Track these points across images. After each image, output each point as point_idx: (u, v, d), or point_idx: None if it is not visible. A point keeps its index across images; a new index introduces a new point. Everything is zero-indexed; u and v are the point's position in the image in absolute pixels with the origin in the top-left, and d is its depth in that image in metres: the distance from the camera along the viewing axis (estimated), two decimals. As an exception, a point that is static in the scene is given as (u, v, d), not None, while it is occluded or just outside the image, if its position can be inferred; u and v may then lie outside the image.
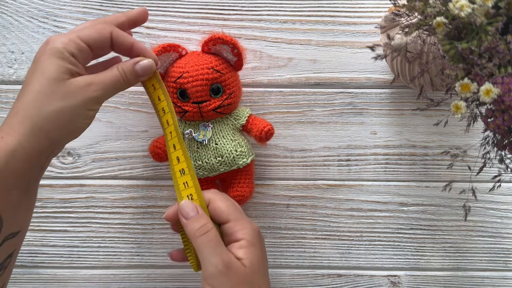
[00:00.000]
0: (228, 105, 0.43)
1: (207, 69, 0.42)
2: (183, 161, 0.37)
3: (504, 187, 0.50)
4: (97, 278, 0.51)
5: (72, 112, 0.32)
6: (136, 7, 0.48)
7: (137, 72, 0.36)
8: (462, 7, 0.29)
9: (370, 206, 0.50)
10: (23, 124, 0.31)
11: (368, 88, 0.49)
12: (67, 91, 0.32)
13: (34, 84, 0.32)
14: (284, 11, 0.48)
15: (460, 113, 0.31)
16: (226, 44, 0.42)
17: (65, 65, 0.33)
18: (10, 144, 0.30)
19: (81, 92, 0.33)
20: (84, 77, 0.34)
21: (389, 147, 0.50)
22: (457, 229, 0.50)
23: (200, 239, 0.35)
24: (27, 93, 0.32)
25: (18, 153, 0.31)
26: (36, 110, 0.31)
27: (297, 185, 0.50)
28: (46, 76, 0.32)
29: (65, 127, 0.33)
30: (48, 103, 0.32)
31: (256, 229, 0.37)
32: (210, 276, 0.34)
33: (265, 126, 0.44)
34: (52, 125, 0.32)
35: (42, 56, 0.33)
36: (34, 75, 0.32)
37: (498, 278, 0.51)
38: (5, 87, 0.49)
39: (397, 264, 0.51)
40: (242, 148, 0.44)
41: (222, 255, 0.34)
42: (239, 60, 0.43)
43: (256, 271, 0.35)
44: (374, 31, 0.48)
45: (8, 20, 0.49)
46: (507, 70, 0.29)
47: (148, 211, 0.50)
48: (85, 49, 0.34)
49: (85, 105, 0.33)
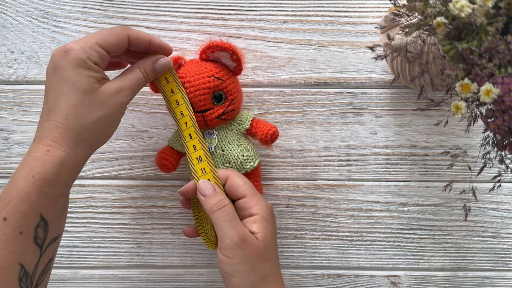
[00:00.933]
0: (231, 111, 0.43)
1: (208, 77, 0.42)
2: (199, 149, 0.41)
3: (504, 187, 0.50)
4: (97, 278, 0.51)
5: (108, 118, 0.35)
6: (136, 7, 0.48)
7: (156, 70, 0.38)
8: (462, 7, 0.29)
9: (370, 206, 0.50)
10: (67, 137, 0.33)
11: (368, 88, 0.49)
12: (102, 101, 0.34)
13: (69, 98, 0.33)
14: (284, 11, 0.48)
15: (460, 113, 0.31)
16: (225, 51, 0.41)
17: (92, 74, 0.34)
18: (58, 157, 0.33)
19: (114, 99, 0.35)
20: (113, 82, 0.35)
21: (389, 147, 0.50)
22: (457, 229, 0.50)
23: (217, 213, 0.37)
24: (63, 106, 0.33)
25: (67, 164, 0.33)
26: (77, 122, 0.33)
27: (297, 185, 0.50)
28: (79, 88, 0.33)
29: (104, 133, 0.36)
30: (88, 114, 0.34)
31: (269, 206, 0.40)
32: (226, 247, 0.36)
33: (269, 129, 0.44)
34: (93, 134, 0.34)
35: (67, 68, 0.33)
36: (64, 87, 0.33)
37: (498, 278, 0.51)
38: (4, 87, 0.49)
39: (397, 264, 0.51)
40: (249, 152, 0.44)
41: (238, 229, 0.37)
42: (239, 66, 0.43)
43: (268, 245, 0.38)
44: (374, 31, 0.48)
45: (8, 20, 0.49)
46: (507, 70, 0.29)
47: (148, 211, 0.50)
48: (105, 56, 0.35)
49: (118, 110, 0.35)
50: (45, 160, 0.32)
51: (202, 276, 0.51)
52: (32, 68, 0.49)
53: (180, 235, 0.50)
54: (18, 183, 0.32)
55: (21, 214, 0.31)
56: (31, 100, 0.49)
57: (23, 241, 0.32)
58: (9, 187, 0.32)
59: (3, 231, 0.31)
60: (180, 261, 0.51)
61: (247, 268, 0.36)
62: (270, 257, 0.38)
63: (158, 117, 0.49)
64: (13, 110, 0.49)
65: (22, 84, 0.49)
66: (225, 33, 0.49)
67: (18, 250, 0.31)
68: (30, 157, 0.33)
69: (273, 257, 0.38)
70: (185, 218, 0.50)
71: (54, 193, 0.33)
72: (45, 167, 0.32)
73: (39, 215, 0.32)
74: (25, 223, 0.32)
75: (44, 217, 0.33)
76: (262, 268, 0.37)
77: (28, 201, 0.31)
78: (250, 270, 0.36)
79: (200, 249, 0.51)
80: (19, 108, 0.49)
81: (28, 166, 0.32)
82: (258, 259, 0.37)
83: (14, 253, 0.31)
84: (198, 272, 0.51)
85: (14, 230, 0.31)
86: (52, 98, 0.34)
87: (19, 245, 0.31)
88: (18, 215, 0.31)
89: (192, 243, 0.50)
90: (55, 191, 0.33)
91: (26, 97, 0.49)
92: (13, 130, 0.49)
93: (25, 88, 0.49)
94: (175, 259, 0.51)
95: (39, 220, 0.32)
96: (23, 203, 0.31)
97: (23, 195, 0.31)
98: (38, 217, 0.32)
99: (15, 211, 0.31)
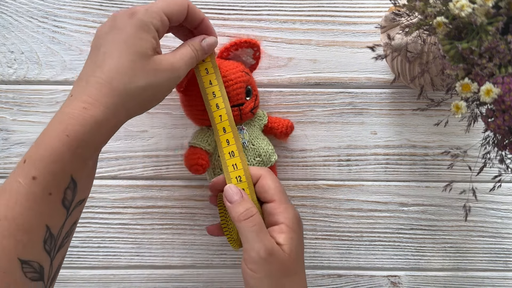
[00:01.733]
0: (258, 105, 0.44)
1: (239, 71, 0.42)
2: (233, 144, 0.39)
3: (505, 187, 0.50)
4: (97, 278, 0.51)
5: (155, 90, 0.33)
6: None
7: (204, 48, 0.37)
8: (463, 7, 0.29)
9: (370, 206, 0.50)
10: (109, 97, 0.31)
11: (368, 88, 0.49)
12: (154, 69, 0.32)
13: (120, 57, 0.31)
14: (284, 11, 0.48)
15: (461, 113, 0.31)
16: (251, 47, 0.42)
17: (151, 40, 0.32)
18: (97, 117, 0.30)
19: (167, 71, 0.33)
20: (166, 55, 0.34)
21: (389, 147, 0.50)
22: (457, 229, 0.50)
23: (244, 223, 0.35)
24: (113, 65, 0.31)
25: (103, 126, 0.31)
26: (123, 85, 0.31)
27: (297, 185, 0.50)
28: (134, 50, 0.31)
29: (143, 104, 0.33)
30: (135, 79, 0.31)
31: (297, 216, 0.38)
32: (252, 261, 0.34)
33: (288, 122, 0.46)
34: (134, 101, 0.32)
35: (127, 27, 0.32)
36: (118, 46, 0.31)
37: (499, 278, 0.51)
38: (4, 87, 0.49)
39: (397, 264, 0.51)
40: (271, 146, 0.45)
41: (265, 241, 0.35)
42: (256, 64, 0.44)
43: (295, 259, 0.36)
44: (374, 31, 0.48)
45: (8, 20, 0.48)
46: (508, 70, 0.29)
47: (148, 211, 0.50)
48: (167, 23, 0.34)
49: (168, 84, 0.34)
50: (82, 118, 0.30)
51: (202, 276, 0.51)
52: (32, 68, 0.49)
53: (180, 235, 0.50)
54: (51, 141, 0.30)
55: (53, 175, 0.29)
56: (31, 100, 0.49)
57: (52, 202, 0.30)
58: (40, 144, 0.30)
59: (32, 190, 0.29)
60: (180, 261, 0.51)
61: (272, 283, 0.34)
62: (296, 271, 0.36)
63: (158, 117, 0.49)
64: (13, 110, 0.49)
65: (22, 84, 0.49)
66: (225, 33, 0.48)
67: (45, 211, 0.30)
68: (64, 114, 0.30)
69: (299, 271, 0.36)
70: (185, 218, 0.50)
71: (86, 154, 0.31)
72: (82, 127, 0.30)
73: (70, 177, 0.30)
74: (56, 184, 0.30)
75: (75, 179, 0.31)
76: (287, 284, 0.35)
77: (61, 161, 0.29)
78: (276, 286, 0.34)
79: (200, 249, 0.51)
80: (19, 108, 0.49)
81: (63, 123, 0.30)
82: (284, 274, 0.35)
83: (41, 214, 0.30)
84: (198, 272, 0.51)
85: (44, 190, 0.29)
86: (103, 54, 0.32)
87: (47, 207, 0.30)
88: (49, 176, 0.29)
89: (192, 243, 0.50)
90: (88, 152, 0.31)
91: (26, 97, 0.49)
92: (13, 130, 0.49)
93: (25, 88, 0.49)
94: (175, 259, 0.51)
95: (69, 181, 0.31)
96: (55, 163, 0.29)
97: (56, 155, 0.29)
98: (68, 179, 0.30)
99: (46, 171, 0.29)
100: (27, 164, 0.30)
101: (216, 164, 0.43)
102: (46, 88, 0.49)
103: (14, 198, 0.29)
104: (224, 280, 0.51)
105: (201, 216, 0.50)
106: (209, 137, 0.43)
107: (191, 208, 0.50)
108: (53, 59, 0.49)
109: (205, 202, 0.50)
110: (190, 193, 0.50)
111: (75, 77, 0.49)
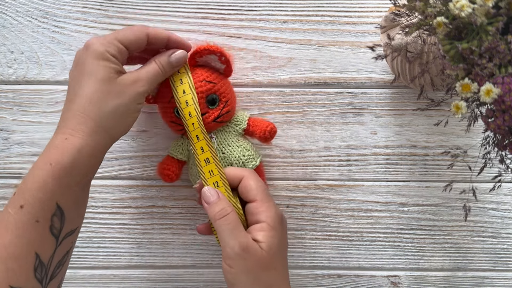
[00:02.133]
0: (226, 113, 0.43)
1: (199, 82, 0.42)
2: (207, 151, 0.40)
3: (505, 187, 0.50)
4: (97, 279, 0.51)
5: (125, 107, 0.35)
6: (136, 7, 0.48)
7: (172, 63, 0.39)
8: (463, 7, 0.29)
9: (370, 206, 0.50)
10: (85, 125, 0.34)
11: (368, 88, 0.49)
12: (119, 90, 0.35)
13: (87, 87, 0.34)
14: (284, 11, 0.48)
15: (461, 113, 0.31)
16: (213, 54, 0.41)
17: (110, 65, 0.35)
18: (76, 144, 0.33)
19: (131, 89, 0.36)
20: (130, 74, 0.36)
21: (389, 147, 0.50)
22: (457, 229, 0.50)
23: (219, 221, 0.37)
24: (81, 96, 0.34)
25: (85, 151, 0.33)
26: (95, 110, 0.34)
27: (297, 185, 0.50)
28: (98, 78, 0.34)
29: (121, 122, 0.36)
30: (105, 102, 0.34)
31: (279, 214, 0.38)
32: (228, 256, 0.36)
33: (267, 125, 0.44)
34: (111, 122, 0.35)
35: (86, 60, 0.35)
36: (83, 78, 0.35)
37: (499, 278, 0.51)
38: (4, 87, 0.49)
39: (397, 265, 0.51)
40: (249, 151, 0.44)
41: (240, 238, 0.36)
42: (228, 67, 0.43)
43: (273, 255, 0.36)
44: (374, 31, 0.48)
45: (8, 20, 0.48)
46: (508, 70, 0.29)
47: (148, 211, 0.50)
48: (124, 51, 0.36)
49: (135, 100, 0.36)
50: (63, 147, 0.33)
51: (202, 276, 0.51)
52: (31, 68, 0.49)
53: (180, 235, 0.50)
54: (36, 171, 0.32)
55: (38, 202, 0.32)
56: (31, 100, 0.49)
57: (40, 230, 0.32)
58: (28, 176, 0.33)
59: (20, 219, 0.31)
60: (180, 261, 0.51)
61: (249, 278, 0.35)
62: (274, 266, 0.36)
63: (158, 117, 0.49)
64: (13, 110, 0.49)
65: (22, 84, 0.49)
66: (225, 33, 0.49)
67: (34, 238, 0.31)
68: (49, 146, 0.33)
69: (278, 266, 0.37)
70: (185, 218, 0.50)
71: (71, 181, 0.33)
72: (63, 155, 0.32)
73: (55, 204, 0.32)
74: (42, 211, 0.32)
75: (60, 206, 0.33)
76: (265, 278, 0.36)
77: (45, 188, 0.32)
78: (253, 280, 0.35)
79: (200, 249, 0.51)
80: (19, 108, 0.49)
81: (47, 154, 0.33)
82: (262, 269, 0.35)
83: (30, 242, 0.31)
84: (198, 272, 0.51)
85: (31, 218, 0.31)
86: (72, 89, 0.35)
87: (35, 234, 0.31)
88: (35, 203, 0.32)
89: (192, 243, 0.50)
90: (72, 179, 0.33)
91: (26, 97, 0.49)
92: (13, 130, 0.49)
93: (25, 88, 0.49)
94: (175, 259, 0.51)
95: (55, 208, 0.32)
96: (40, 190, 0.32)
97: (41, 183, 0.32)
98: (54, 206, 0.32)
99: (32, 198, 0.32)
100: (16, 195, 0.32)
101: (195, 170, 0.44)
102: (46, 88, 0.49)
103: (4, 227, 0.31)
104: (224, 280, 0.51)
105: (201, 216, 0.50)
106: (181, 146, 0.44)
107: (191, 208, 0.50)
108: (53, 59, 0.49)
109: (205, 202, 0.50)
110: (190, 193, 0.50)
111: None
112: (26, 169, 0.49)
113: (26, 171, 0.49)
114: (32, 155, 0.49)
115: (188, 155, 0.44)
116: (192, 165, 0.44)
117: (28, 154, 0.49)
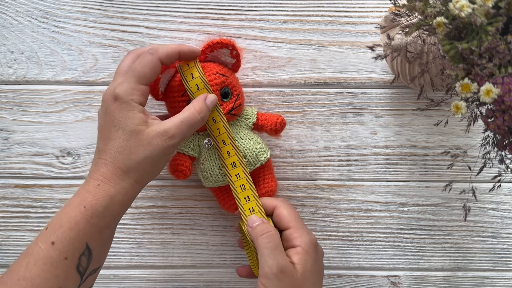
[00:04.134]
0: (239, 106, 0.43)
1: (212, 74, 0.42)
2: (233, 155, 0.42)
3: (504, 187, 0.50)
4: (97, 279, 0.51)
5: (153, 159, 0.36)
6: (136, 7, 0.48)
7: (208, 107, 0.39)
8: (462, 7, 0.29)
9: (370, 206, 0.50)
10: (116, 174, 0.36)
11: (368, 88, 0.49)
12: (147, 142, 0.36)
13: (116, 138, 0.36)
14: (284, 11, 0.48)
15: (461, 113, 0.31)
16: (226, 47, 0.42)
17: (137, 116, 0.36)
18: (108, 191, 0.35)
19: (159, 141, 0.36)
20: (158, 125, 0.37)
21: (389, 147, 0.50)
22: (457, 229, 0.50)
23: (261, 238, 0.38)
24: (112, 147, 0.36)
25: (116, 199, 0.35)
26: (124, 162, 0.36)
27: (297, 185, 0.50)
28: (126, 131, 0.36)
29: (150, 172, 0.37)
30: (133, 154, 0.36)
31: (313, 240, 0.40)
32: (265, 275, 0.37)
33: (277, 117, 0.45)
34: (139, 173, 0.36)
35: (115, 112, 0.36)
36: (112, 129, 0.36)
37: (499, 278, 0.51)
38: (4, 87, 0.49)
39: (397, 264, 0.51)
40: (260, 144, 0.44)
41: (279, 259, 0.37)
42: (238, 62, 0.43)
43: (306, 278, 0.37)
44: (374, 31, 0.48)
45: (8, 20, 0.49)
46: (507, 70, 0.29)
47: (148, 211, 0.50)
48: (146, 90, 0.38)
49: (162, 152, 0.37)
50: (96, 193, 0.35)
51: (202, 276, 0.51)
52: (32, 68, 0.49)
53: (180, 235, 0.50)
54: (69, 211, 0.34)
55: (69, 241, 0.33)
56: (31, 100, 0.49)
57: (67, 267, 0.33)
58: (61, 214, 0.35)
59: (50, 255, 0.33)
60: (180, 261, 0.51)
61: None
62: None
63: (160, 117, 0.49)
64: (13, 110, 0.49)
65: (22, 84, 0.49)
66: (225, 33, 0.49)
67: (61, 275, 0.33)
68: (83, 189, 0.36)
69: None
70: (185, 218, 0.50)
71: (102, 224, 0.35)
72: (96, 200, 0.35)
73: (85, 244, 0.34)
74: (71, 250, 0.34)
75: (90, 246, 0.35)
76: None
77: (77, 229, 0.34)
78: None
79: (200, 249, 0.51)
80: (19, 108, 0.49)
81: (81, 197, 0.35)
82: None
83: (56, 277, 0.33)
84: (198, 272, 0.51)
85: (60, 255, 0.33)
86: (102, 139, 0.37)
87: (62, 270, 0.33)
88: (66, 241, 0.33)
89: (192, 243, 0.50)
90: (103, 222, 0.35)
91: (26, 97, 0.49)
92: (13, 130, 0.49)
93: (25, 88, 0.49)
94: (175, 259, 0.51)
95: (84, 248, 0.34)
96: (71, 230, 0.34)
97: (73, 223, 0.34)
98: (84, 246, 0.34)
99: (63, 237, 0.33)
100: (48, 231, 0.34)
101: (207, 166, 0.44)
102: (46, 88, 0.49)
103: (33, 260, 0.33)
104: (224, 280, 0.51)
105: (201, 216, 0.50)
106: (192, 142, 0.44)
107: (191, 208, 0.50)
108: (53, 59, 0.49)
109: (205, 202, 0.50)
110: (190, 193, 0.50)
111: (75, 77, 0.49)
112: (26, 169, 0.49)
113: (26, 171, 0.49)
114: (32, 155, 0.49)
115: (199, 151, 0.44)
116: (204, 161, 0.44)
117: (28, 154, 0.49)
